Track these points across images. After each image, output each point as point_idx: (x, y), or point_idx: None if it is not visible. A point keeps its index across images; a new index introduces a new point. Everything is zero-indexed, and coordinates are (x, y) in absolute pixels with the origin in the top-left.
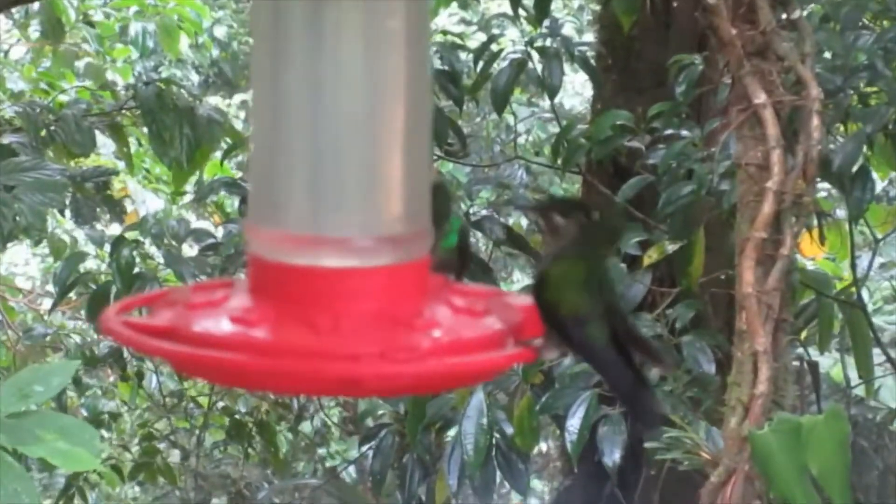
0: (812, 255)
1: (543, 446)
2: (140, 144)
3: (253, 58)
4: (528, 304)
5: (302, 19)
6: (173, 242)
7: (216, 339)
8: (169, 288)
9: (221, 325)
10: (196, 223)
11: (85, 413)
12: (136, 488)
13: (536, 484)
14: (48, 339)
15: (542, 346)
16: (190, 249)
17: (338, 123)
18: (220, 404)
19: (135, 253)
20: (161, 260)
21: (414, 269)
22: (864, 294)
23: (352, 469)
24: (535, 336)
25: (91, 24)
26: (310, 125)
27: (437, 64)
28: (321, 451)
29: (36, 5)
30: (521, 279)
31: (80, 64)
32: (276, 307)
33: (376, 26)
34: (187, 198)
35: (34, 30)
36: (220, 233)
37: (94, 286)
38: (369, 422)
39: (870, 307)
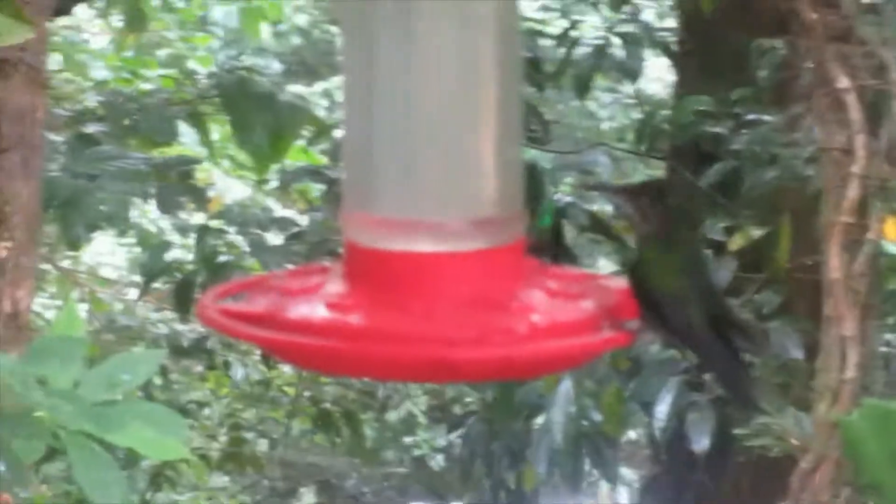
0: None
1: (632, 434)
2: (224, 130)
3: (343, 43)
4: (623, 287)
5: (393, 4)
6: (258, 231)
7: (312, 325)
8: (264, 274)
9: (317, 311)
10: (280, 211)
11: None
12: (225, 478)
13: (625, 472)
14: (133, 330)
15: (638, 328)
16: (274, 238)
17: (430, 107)
18: (307, 394)
19: (219, 242)
20: (246, 248)
21: (508, 252)
22: None
23: (440, 457)
24: (631, 319)
25: (172, 10)
26: (403, 110)
27: None
28: (408, 439)
29: None
30: (605, 266)
31: (162, 53)
32: (371, 293)
33: (467, 11)
34: (271, 185)
35: (117, 19)
36: (304, 221)
37: (179, 275)
38: (457, 409)
39: None
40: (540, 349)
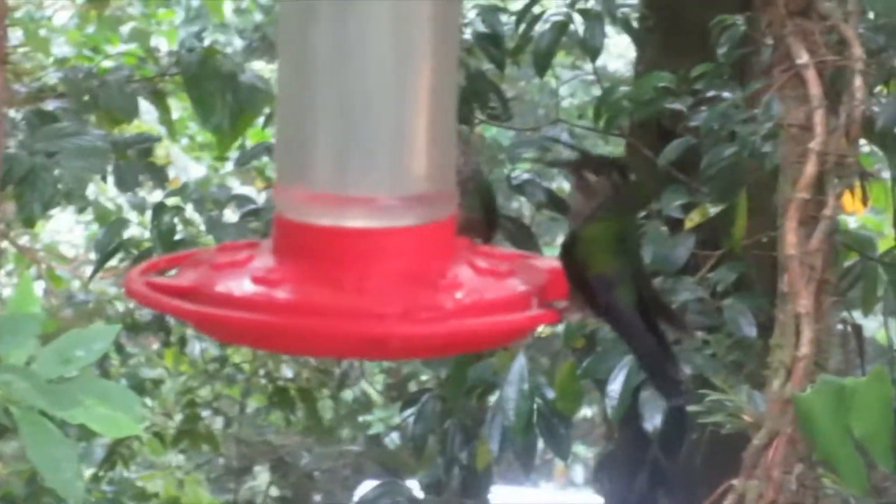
0: (854, 210)
1: (588, 412)
2: (184, 111)
3: (280, 17)
4: (554, 267)
5: None
6: (215, 208)
7: (238, 299)
8: (194, 249)
9: (244, 285)
10: (241, 189)
11: (125, 382)
12: (180, 456)
13: (580, 449)
14: (91, 306)
15: (565, 308)
16: (233, 215)
17: (363, 82)
18: (263, 371)
19: (176, 219)
20: (203, 226)
21: (439, 229)
22: None
23: (395, 435)
24: (560, 298)
25: None
26: (335, 84)
27: (479, 26)
28: (364, 417)
29: None
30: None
31: (125, 29)
32: (300, 267)
33: None
34: (229, 165)
35: None
36: (262, 198)
37: (136, 252)
38: (413, 386)
39: None
40: (466, 326)
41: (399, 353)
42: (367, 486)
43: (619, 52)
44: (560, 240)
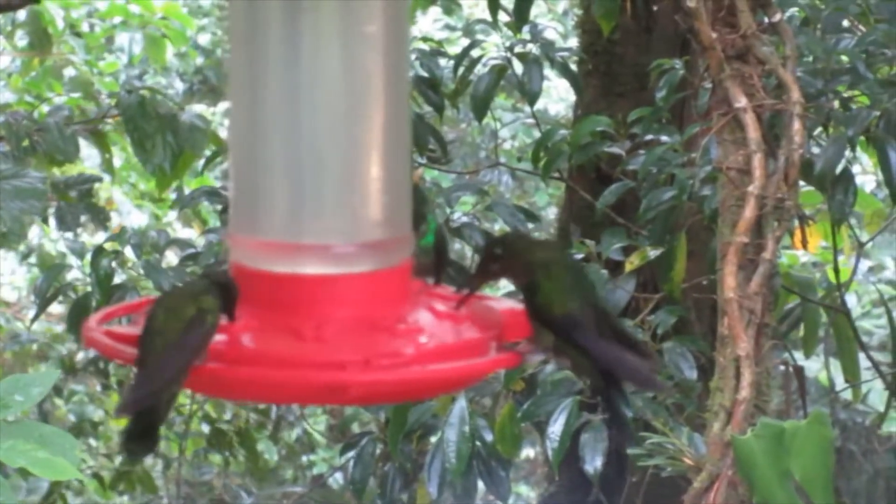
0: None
1: (530, 452)
2: (126, 158)
3: (230, 64)
4: (510, 308)
5: (279, 24)
6: (154, 252)
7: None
8: (151, 297)
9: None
10: (182, 231)
11: (73, 418)
12: (125, 496)
13: (523, 489)
14: (35, 347)
15: (526, 349)
16: (174, 259)
17: (316, 130)
18: (201, 413)
19: (115, 263)
20: (141, 270)
21: (395, 274)
22: (853, 298)
23: (339, 476)
24: (517, 340)
25: (78, 34)
26: (287, 132)
27: (418, 70)
28: (306, 458)
29: (22, 14)
30: (505, 285)
31: (67, 75)
32: (257, 315)
33: (354, 31)
34: (172, 214)
35: (20, 38)
36: (201, 243)
37: (75, 296)
38: (356, 427)
39: (858, 311)
40: (428, 372)
41: (359, 400)
42: None
43: (559, 96)
44: (502, 282)
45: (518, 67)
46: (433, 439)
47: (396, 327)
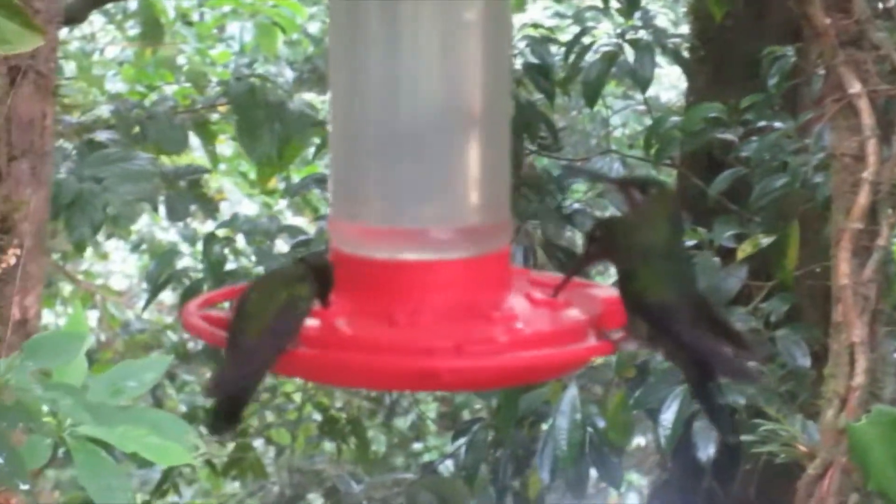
0: None
1: (641, 440)
2: (236, 147)
3: (331, 53)
4: (611, 296)
5: (379, 13)
6: (265, 239)
7: (307, 334)
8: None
9: (310, 321)
10: (292, 220)
11: (184, 408)
12: (236, 483)
13: (634, 477)
14: (146, 335)
15: (621, 338)
16: (284, 246)
17: (415, 116)
18: (314, 401)
19: (227, 250)
20: (253, 257)
21: (493, 260)
22: None
23: (450, 463)
24: (616, 327)
25: (189, 23)
26: (387, 119)
27: (529, 57)
28: (417, 445)
29: (133, 4)
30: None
31: (181, 61)
32: (354, 300)
33: (453, 18)
34: (282, 203)
35: (131, 28)
36: (313, 229)
37: (187, 283)
38: (467, 414)
39: None
40: (520, 359)
41: (451, 387)
42: None
43: (671, 83)
44: (612, 269)
45: (629, 54)
46: (544, 426)
47: (492, 314)
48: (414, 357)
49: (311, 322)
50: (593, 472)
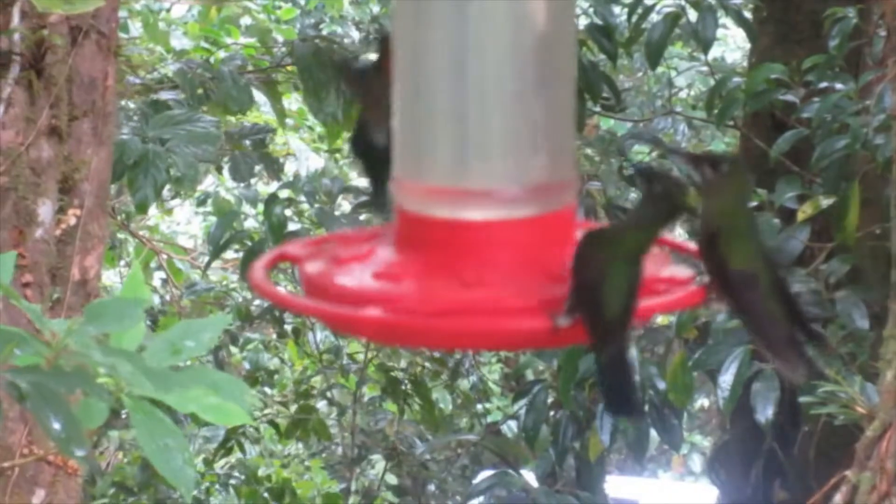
0: None
1: (704, 402)
2: (304, 103)
3: (396, 10)
4: (668, 255)
5: None
6: (327, 200)
7: (360, 293)
8: (316, 240)
9: (366, 280)
10: (356, 180)
11: (248, 366)
12: (301, 444)
13: (697, 438)
14: (212, 295)
15: (707, 288)
16: (349, 206)
17: (480, 74)
18: (377, 362)
19: (288, 211)
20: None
21: (560, 218)
22: None
23: (513, 424)
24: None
25: None
26: (452, 77)
27: (592, 18)
28: (481, 406)
29: None
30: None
31: (245, 23)
32: (420, 261)
33: None
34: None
35: None
36: None
37: (249, 244)
38: (530, 375)
39: None
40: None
41: (527, 345)
42: (484, 476)
43: (736, 44)
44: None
45: (692, 15)
46: None
47: (560, 272)
48: (485, 317)
49: (378, 284)
50: (654, 434)
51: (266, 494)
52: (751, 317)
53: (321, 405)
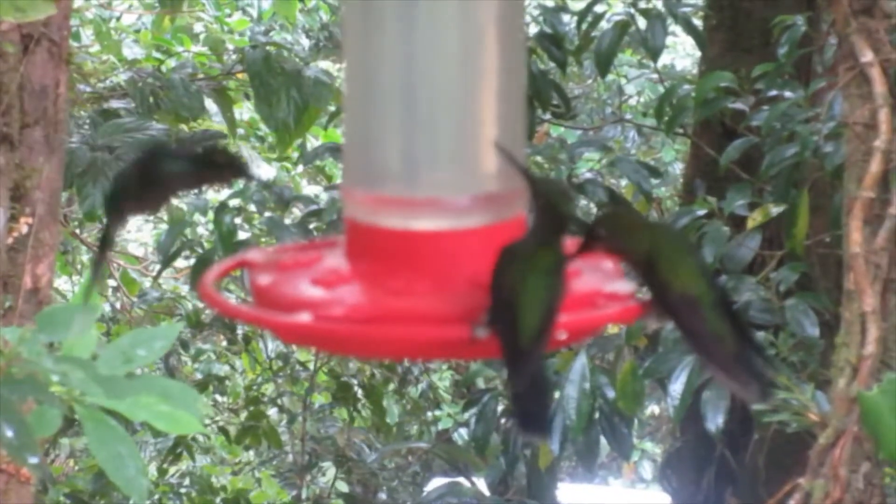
0: None
1: (655, 408)
2: (255, 112)
3: (345, 17)
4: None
5: None
6: (276, 209)
7: (308, 303)
8: (265, 251)
9: (313, 290)
10: (308, 189)
11: (200, 376)
12: (252, 452)
13: (648, 445)
14: (162, 303)
15: (644, 304)
16: (299, 215)
17: (429, 82)
18: (326, 368)
19: (238, 220)
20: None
21: (509, 228)
22: None
23: (464, 431)
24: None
25: None
26: (400, 84)
27: (542, 26)
28: (431, 413)
29: None
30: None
31: (198, 29)
32: (370, 270)
33: None
34: (300, 167)
35: None
36: (325, 198)
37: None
38: (481, 383)
39: None
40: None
41: (472, 355)
42: (436, 484)
43: (686, 51)
44: None
45: (642, 23)
46: (556, 395)
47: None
48: (432, 327)
49: (324, 292)
50: (605, 442)
51: None
52: (696, 339)
53: (272, 412)
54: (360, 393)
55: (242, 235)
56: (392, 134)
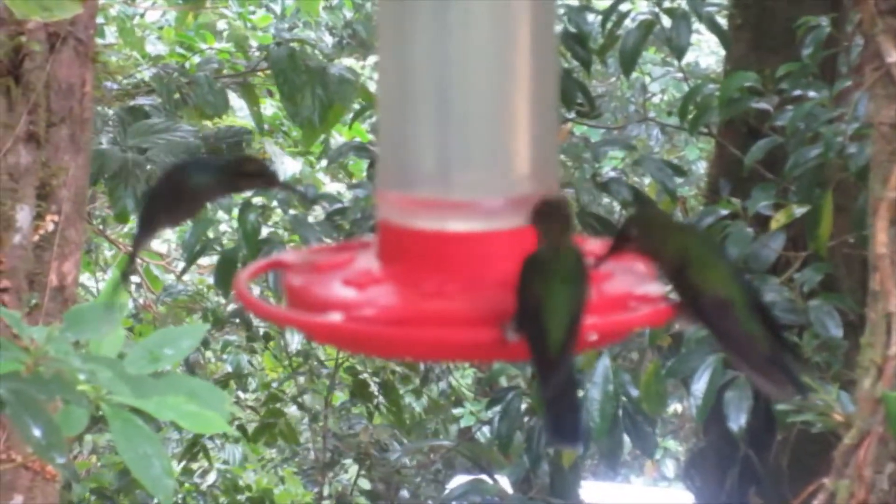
0: None
1: (678, 407)
2: (279, 108)
3: (379, 18)
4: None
5: None
6: (300, 207)
7: (340, 304)
8: (299, 251)
9: (346, 291)
10: (330, 185)
11: (230, 369)
12: (274, 449)
13: (671, 444)
14: (186, 298)
15: (675, 307)
16: (322, 213)
17: (464, 85)
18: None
19: (262, 218)
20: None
21: None
22: None
23: (486, 429)
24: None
25: None
26: (436, 87)
27: (566, 25)
28: (455, 410)
29: None
30: None
31: (222, 26)
32: (403, 272)
33: None
34: (324, 161)
35: None
36: (349, 196)
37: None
38: (504, 381)
39: None
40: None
41: (506, 357)
42: (458, 481)
43: (710, 49)
44: None
45: (666, 22)
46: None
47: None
48: (466, 329)
49: (357, 294)
50: (627, 440)
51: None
52: (730, 341)
53: (292, 410)
54: (377, 390)
55: (265, 233)
56: (426, 136)
